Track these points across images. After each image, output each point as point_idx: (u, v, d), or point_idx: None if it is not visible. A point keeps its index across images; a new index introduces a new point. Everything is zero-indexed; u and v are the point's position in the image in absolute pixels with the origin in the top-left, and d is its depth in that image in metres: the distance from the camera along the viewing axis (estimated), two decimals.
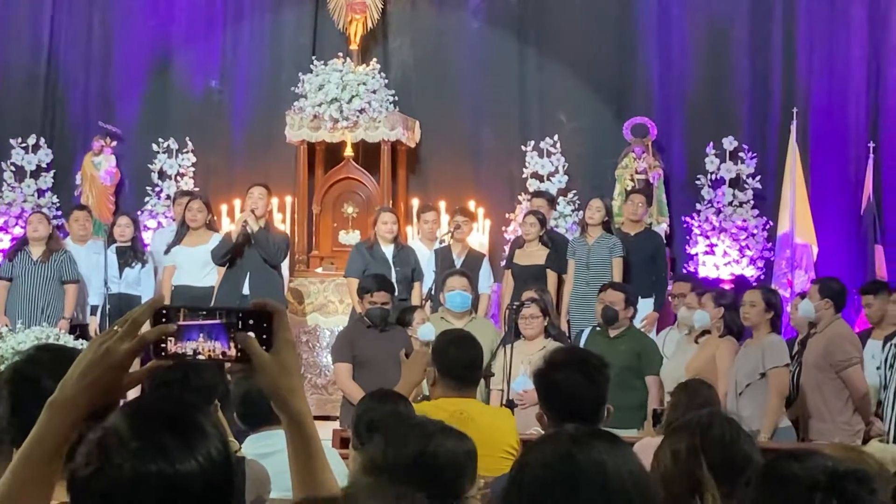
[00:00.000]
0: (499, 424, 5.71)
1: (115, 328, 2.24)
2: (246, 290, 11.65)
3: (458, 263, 11.95)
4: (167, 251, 12.48)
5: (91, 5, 15.35)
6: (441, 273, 11.24)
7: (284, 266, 12.69)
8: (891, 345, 9.68)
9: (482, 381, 8.95)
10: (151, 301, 2.26)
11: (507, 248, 13.16)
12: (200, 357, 2.23)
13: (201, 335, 2.22)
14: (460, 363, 5.90)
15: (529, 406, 8.27)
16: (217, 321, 2.24)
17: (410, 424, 3.53)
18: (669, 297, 11.37)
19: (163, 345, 2.22)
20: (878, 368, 9.82)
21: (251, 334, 2.25)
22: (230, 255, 11.84)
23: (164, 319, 2.23)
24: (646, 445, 4.89)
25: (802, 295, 10.44)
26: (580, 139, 14.42)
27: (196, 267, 12.24)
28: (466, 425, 5.52)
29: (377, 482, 2.87)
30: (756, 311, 9.17)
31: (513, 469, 2.42)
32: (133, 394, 2.71)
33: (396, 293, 10.48)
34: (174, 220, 13.51)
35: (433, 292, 11.48)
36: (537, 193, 13.53)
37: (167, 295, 12.10)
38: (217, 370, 4.61)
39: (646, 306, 11.84)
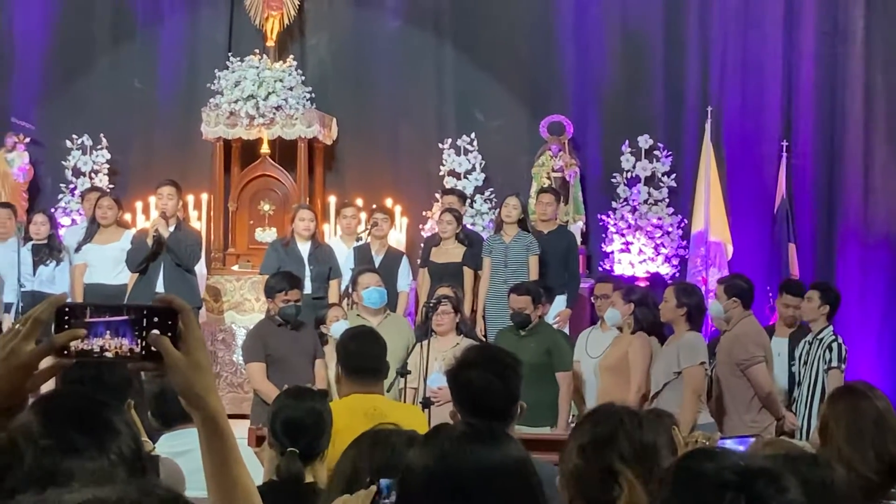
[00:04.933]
0: (410, 421, 5.71)
1: (17, 327, 2.20)
2: (159, 288, 11.54)
3: (377, 261, 11.92)
4: (78, 249, 12.35)
5: (12, 4, 15.15)
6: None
7: (203, 263, 12.62)
8: (804, 342, 9.81)
9: (400, 379, 8.97)
10: (53, 299, 2.22)
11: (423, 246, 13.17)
12: (107, 354, 2.20)
13: (108, 332, 2.20)
14: (361, 356, 5.91)
15: (444, 403, 8.28)
16: (123, 318, 2.21)
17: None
18: (592, 298, 11.39)
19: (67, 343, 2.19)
20: (791, 365, 9.95)
21: (157, 331, 2.22)
22: (145, 263, 11.70)
23: (67, 317, 2.20)
24: None
25: None
26: (497, 137, 14.46)
27: (108, 265, 12.11)
28: (378, 422, 5.54)
29: None
30: (668, 307, 9.22)
31: (401, 470, 2.45)
32: (48, 390, 2.69)
33: (311, 291, 10.44)
34: (85, 216, 13.35)
35: (349, 290, 11.46)
36: (448, 191, 13.54)
37: (79, 293, 11.98)
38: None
39: (558, 303, 11.89)
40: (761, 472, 2.26)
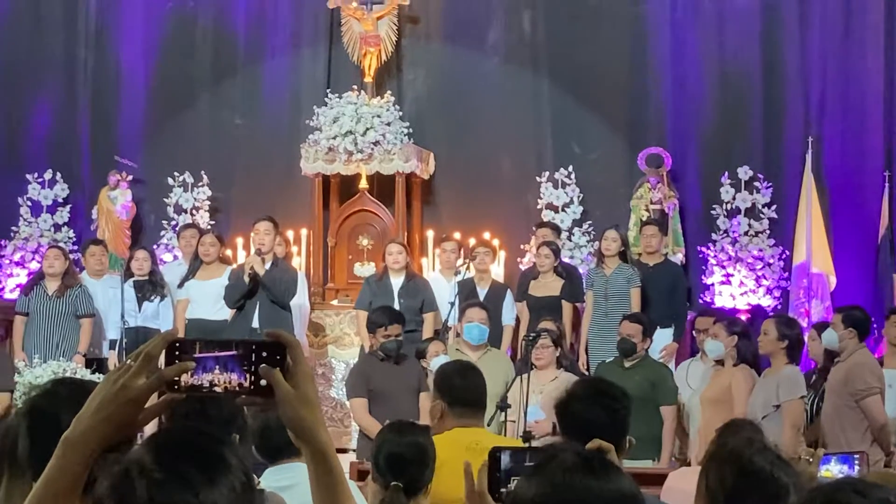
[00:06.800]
0: None
1: (129, 362, 2.23)
2: (255, 324, 11.62)
3: (481, 295, 11.93)
4: (181, 285, 12.48)
5: (118, 45, 15.44)
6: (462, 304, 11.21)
7: (305, 298, 12.66)
8: None
9: (499, 412, 8.95)
10: (165, 334, 2.25)
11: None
12: (216, 389, 2.22)
13: (217, 367, 2.21)
14: (465, 390, 5.89)
15: (541, 437, 8.25)
16: (232, 353, 2.23)
17: None
18: (693, 333, 11.33)
19: (177, 377, 2.21)
20: None
21: (267, 366, 2.23)
22: (242, 300, 11.78)
23: (177, 352, 2.22)
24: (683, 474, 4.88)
25: (819, 325, 10.39)
26: (595, 169, 14.42)
27: (209, 300, 12.21)
28: (482, 457, 5.52)
29: None
30: (768, 339, 9.13)
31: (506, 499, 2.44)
32: (150, 427, 2.71)
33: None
34: (182, 253, 13.47)
35: (448, 323, 11.48)
36: (542, 224, 13.51)
37: (181, 329, 12.07)
38: (234, 401, 4.58)
39: (665, 337, 11.80)
40: None
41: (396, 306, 11.21)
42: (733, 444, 3.64)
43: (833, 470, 4.55)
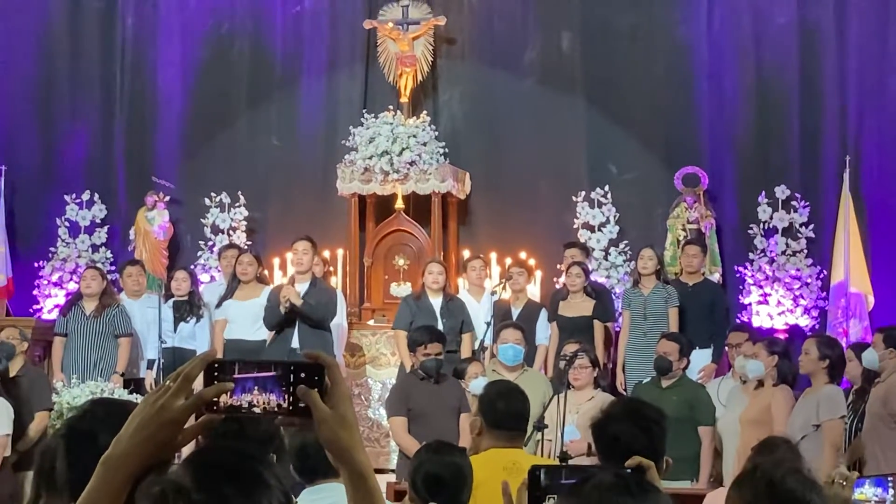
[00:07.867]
0: None
1: (168, 383, 2.23)
2: (295, 344, 11.61)
3: (515, 314, 11.92)
4: (219, 305, 12.49)
5: (154, 66, 15.51)
6: (497, 324, 11.20)
7: (344, 318, 12.63)
8: None
9: (537, 432, 8.92)
10: (203, 355, 2.25)
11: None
12: (255, 410, 2.22)
13: (256, 388, 2.21)
14: (508, 415, 5.87)
15: (576, 456, 8.21)
16: (270, 373, 2.23)
17: None
18: (726, 347, 11.29)
19: (216, 398, 2.21)
20: None
21: (305, 387, 2.23)
22: (280, 326, 11.77)
23: (216, 373, 2.23)
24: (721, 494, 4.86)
25: (855, 346, 10.32)
26: (631, 189, 14.38)
27: (248, 321, 12.20)
28: (520, 477, 5.50)
29: None
30: (809, 359, 9.09)
31: None
32: (188, 447, 2.71)
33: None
34: (222, 273, 13.50)
35: (484, 343, 11.46)
36: (571, 244, 13.45)
37: (219, 349, 12.08)
38: (272, 422, 4.58)
39: (703, 357, 11.74)
40: None
41: (440, 326, 11.21)
42: (763, 465, 3.62)
43: (867, 493, 4.52)
